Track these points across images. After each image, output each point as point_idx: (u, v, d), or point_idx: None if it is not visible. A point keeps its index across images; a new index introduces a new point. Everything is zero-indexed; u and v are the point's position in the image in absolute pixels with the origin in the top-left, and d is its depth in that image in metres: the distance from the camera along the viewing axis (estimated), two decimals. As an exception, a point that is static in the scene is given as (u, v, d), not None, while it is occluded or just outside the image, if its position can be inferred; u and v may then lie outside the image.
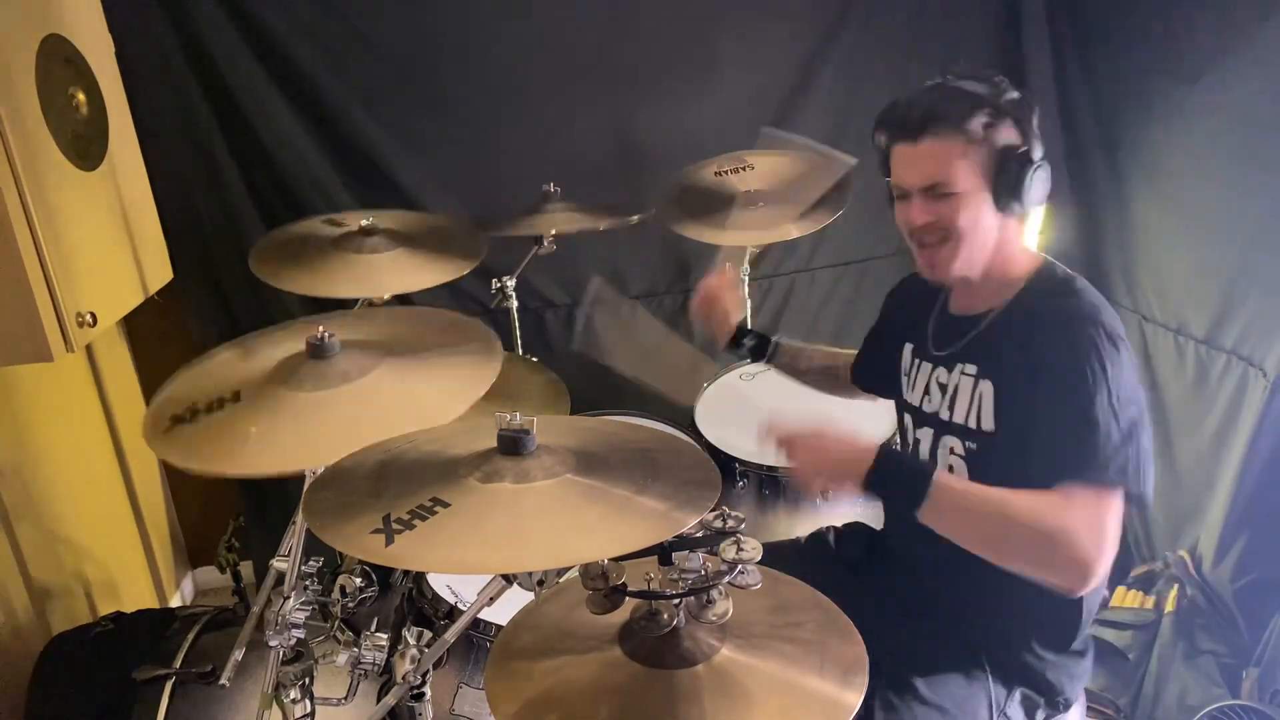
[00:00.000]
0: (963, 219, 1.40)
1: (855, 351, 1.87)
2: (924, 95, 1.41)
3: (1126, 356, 1.33)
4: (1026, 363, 1.37)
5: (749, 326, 1.96)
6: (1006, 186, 1.38)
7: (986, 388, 1.43)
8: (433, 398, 1.37)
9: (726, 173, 2.50)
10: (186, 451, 1.30)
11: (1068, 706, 1.54)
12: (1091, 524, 1.24)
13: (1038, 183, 1.39)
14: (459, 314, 1.61)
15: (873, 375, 1.80)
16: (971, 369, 1.46)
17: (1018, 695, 1.50)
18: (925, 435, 1.55)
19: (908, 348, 1.63)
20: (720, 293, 1.93)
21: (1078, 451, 1.28)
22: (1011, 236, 1.45)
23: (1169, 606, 2.31)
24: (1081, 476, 1.27)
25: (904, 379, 1.65)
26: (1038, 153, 1.39)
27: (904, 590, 1.63)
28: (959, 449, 1.49)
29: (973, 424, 1.45)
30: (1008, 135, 1.38)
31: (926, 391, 1.56)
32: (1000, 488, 1.28)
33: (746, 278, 2.62)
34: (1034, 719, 1.52)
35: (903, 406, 1.65)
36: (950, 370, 1.50)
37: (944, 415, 1.51)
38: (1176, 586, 2.33)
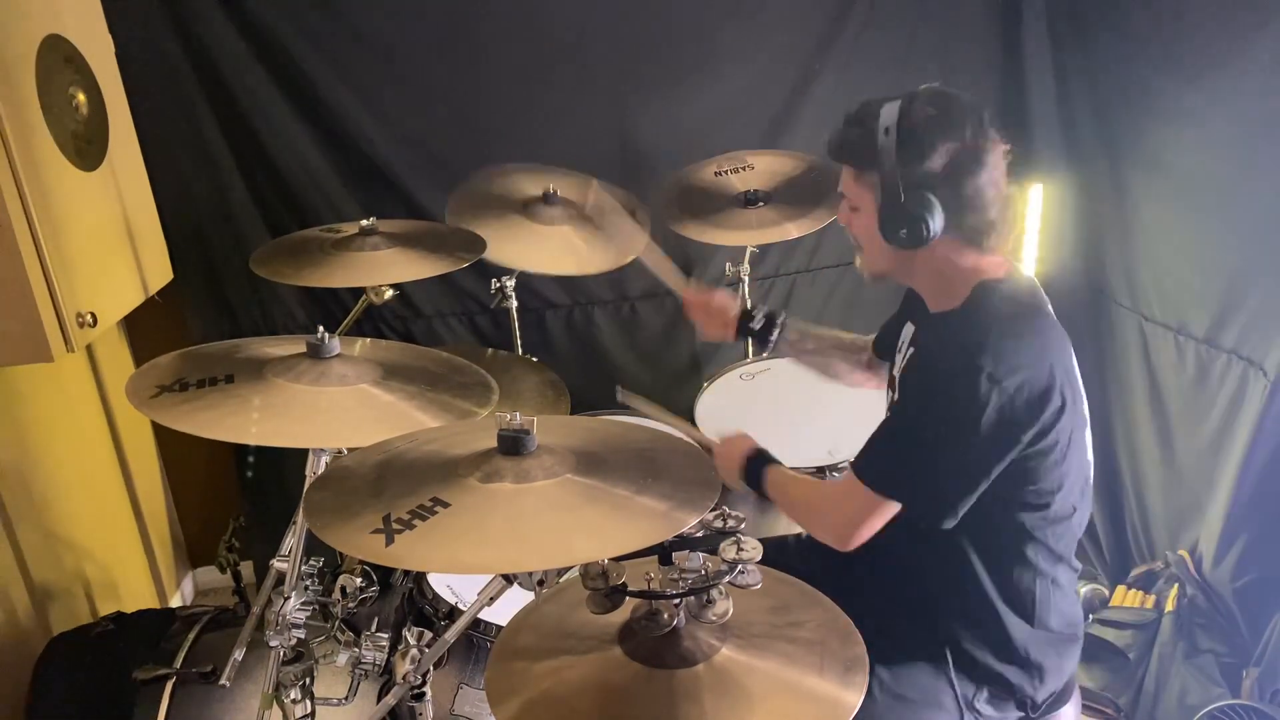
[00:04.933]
0: (863, 234, 1.52)
1: (858, 336, 1.92)
2: (849, 117, 1.48)
3: (995, 401, 1.32)
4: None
5: (751, 309, 1.93)
6: (886, 228, 1.43)
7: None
8: (415, 416, 1.40)
9: (726, 173, 2.51)
10: (171, 414, 1.33)
11: (1036, 708, 1.53)
12: (846, 512, 1.45)
13: (916, 231, 1.39)
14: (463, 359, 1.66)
15: (888, 348, 1.84)
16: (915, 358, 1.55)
17: (985, 692, 1.52)
18: None
19: (909, 327, 1.66)
20: (703, 298, 1.97)
21: (870, 451, 1.45)
22: (947, 255, 1.45)
23: (1169, 606, 2.31)
24: (858, 472, 1.44)
25: (898, 355, 1.67)
26: (932, 200, 1.37)
27: (879, 584, 1.64)
28: None
29: None
30: (891, 184, 1.39)
31: None
32: (806, 478, 1.60)
33: (746, 278, 2.62)
34: (1007, 713, 1.53)
35: (891, 382, 1.69)
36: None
37: None
38: (1176, 586, 2.33)
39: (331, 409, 1.40)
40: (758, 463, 1.61)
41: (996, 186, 1.41)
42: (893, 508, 1.41)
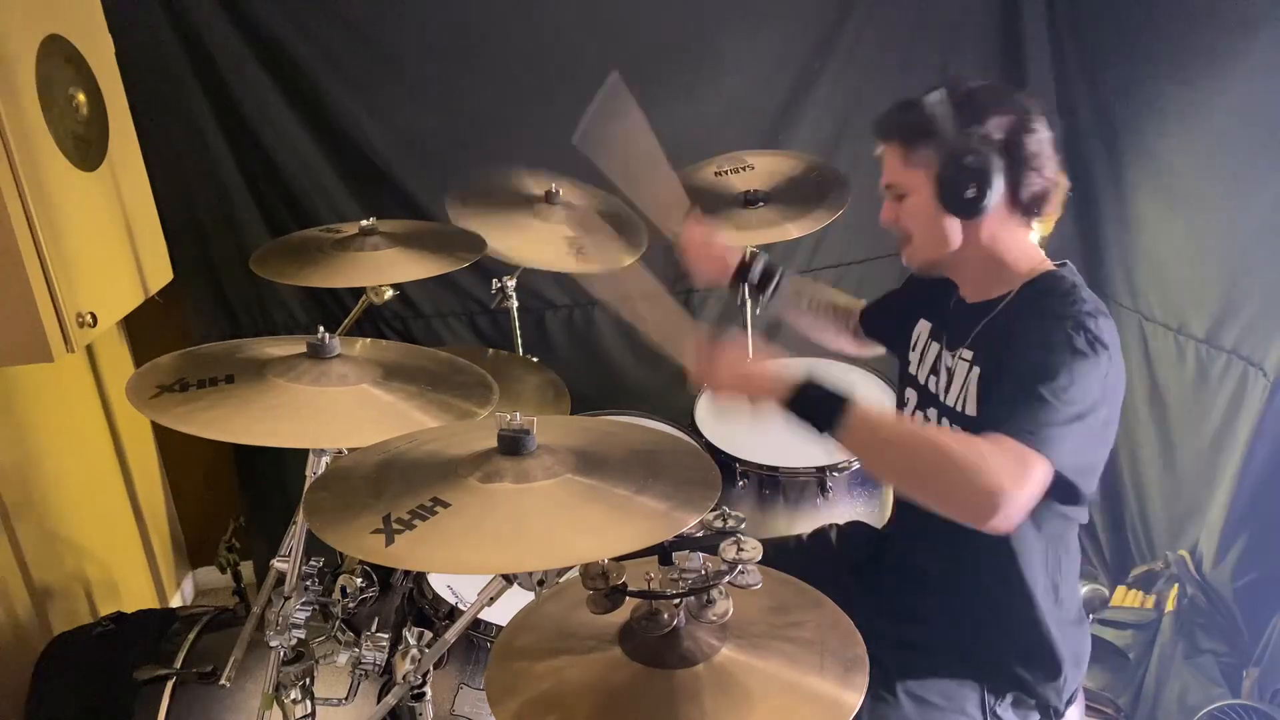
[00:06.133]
0: (914, 220, 1.48)
1: (850, 301, 1.89)
2: (896, 104, 1.48)
3: (1102, 362, 1.31)
4: (1004, 351, 1.40)
5: (750, 259, 1.85)
6: (949, 195, 1.42)
7: (974, 374, 1.47)
8: (414, 416, 1.40)
9: (726, 173, 2.50)
10: (171, 414, 1.32)
11: (1059, 715, 1.55)
12: (1011, 466, 1.20)
13: (982, 192, 1.39)
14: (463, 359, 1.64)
15: (880, 326, 1.83)
16: (968, 354, 1.49)
17: (1009, 698, 1.52)
18: (932, 416, 1.58)
19: (924, 324, 1.65)
20: (702, 235, 1.88)
21: (1017, 412, 1.27)
22: (998, 234, 1.45)
23: (1169, 606, 2.31)
24: (1013, 432, 1.24)
25: (912, 353, 1.66)
26: (995, 161, 1.39)
27: (900, 590, 1.64)
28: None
29: (959, 407, 1.49)
30: (953, 147, 1.40)
31: (934, 372, 1.58)
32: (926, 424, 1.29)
33: (746, 278, 2.62)
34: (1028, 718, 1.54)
35: (907, 380, 1.67)
36: (954, 354, 1.53)
37: (942, 397, 1.54)
38: (1176, 586, 2.33)
39: (331, 409, 1.40)
40: (828, 396, 1.29)
41: (1052, 146, 1.43)
42: (1047, 480, 1.23)
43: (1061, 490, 1.36)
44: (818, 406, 1.30)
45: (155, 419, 1.33)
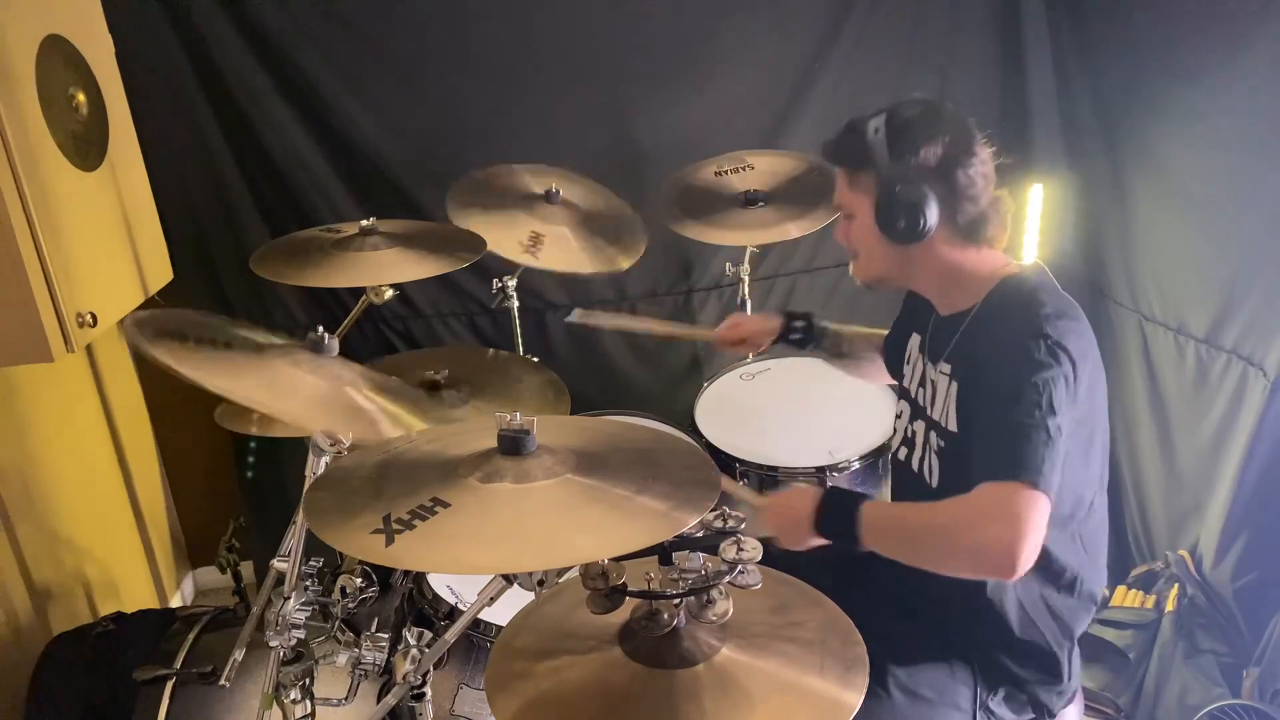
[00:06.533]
0: (860, 241, 1.53)
1: (878, 332, 1.92)
2: (844, 126, 1.51)
3: (1064, 367, 1.32)
4: (976, 368, 1.43)
5: (791, 320, 1.96)
6: (885, 223, 1.45)
7: (954, 389, 1.48)
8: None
9: (726, 173, 2.51)
10: (168, 353, 1.26)
11: (1052, 715, 1.54)
12: (1002, 515, 1.25)
13: (916, 222, 1.41)
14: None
15: (888, 355, 1.85)
16: (946, 368, 1.51)
17: (1001, 693, 1.52)
18: (919, 428, 1.59)
19: (915, 337, 1.67)
20: (733, 334, 2.00)
21: (999, 454, 1.31)
22: (947, 253, 1.47)
23: (1169, 606, 2.31)
24: (995, 476, 1.29)
25: (906, 366, 1.68)
26: (929, 191, 1.40)
27: (894, 584, 1.64)
28: (935, 445, 1.53)
29: (944, 422, 1.50)
30: (888, 177, 1.43)
31: (921, 384, 1.60)
32: (923, 502, 1.36)
33: (746, 278, 2.62)
34: (1021, 715, 1.54)
35: (901, 393, 1.69)
36: (935, 366, 1.54)
37: (929, 411, 1.55)
38: (1176, 586, 2.33)
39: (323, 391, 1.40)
40: (841, 505, 1.38)
41: (986, 179, 1.44)
42: (1045, 505, 1.26)
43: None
44: (840, 525, 1.37)
45: (165, 360, 1.23)
